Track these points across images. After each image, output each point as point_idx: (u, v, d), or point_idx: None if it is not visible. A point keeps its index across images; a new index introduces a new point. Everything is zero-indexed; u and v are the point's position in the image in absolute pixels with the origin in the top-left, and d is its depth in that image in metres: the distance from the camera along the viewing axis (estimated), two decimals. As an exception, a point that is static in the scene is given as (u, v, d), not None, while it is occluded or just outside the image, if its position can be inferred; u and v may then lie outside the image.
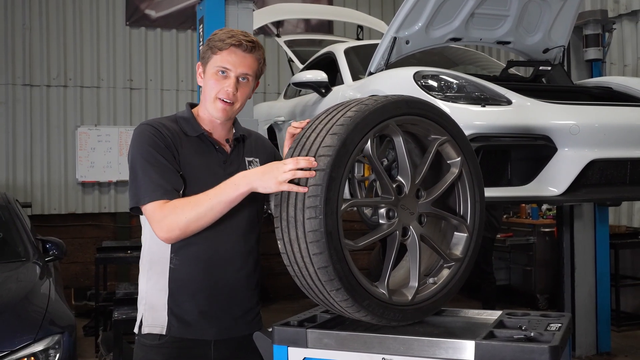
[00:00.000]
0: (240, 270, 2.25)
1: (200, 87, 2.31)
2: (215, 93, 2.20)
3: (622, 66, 6.93)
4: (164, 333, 2.18)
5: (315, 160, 1.86)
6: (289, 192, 1.90)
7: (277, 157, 2.44)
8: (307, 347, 2.00)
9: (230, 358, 2.26)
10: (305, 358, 2.00)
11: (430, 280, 2.17)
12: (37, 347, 3.52)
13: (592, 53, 5.76)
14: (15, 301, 3.92)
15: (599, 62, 5.82)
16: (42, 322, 3.67)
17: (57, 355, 3.57)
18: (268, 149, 2.46)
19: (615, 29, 5.95)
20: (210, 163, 2.23)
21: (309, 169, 1.84)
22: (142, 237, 2.29)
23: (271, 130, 5.74)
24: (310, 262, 1.87)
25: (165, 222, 2.06)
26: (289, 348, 2.02)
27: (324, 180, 1.83)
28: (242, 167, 2.28)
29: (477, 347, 1.82)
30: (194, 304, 2.19)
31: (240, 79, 2.20)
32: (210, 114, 2.24)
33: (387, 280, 2.01)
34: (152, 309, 2.21)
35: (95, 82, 8.39)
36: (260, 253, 2.36)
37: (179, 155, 2.17)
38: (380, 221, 2.06)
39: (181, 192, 2.13)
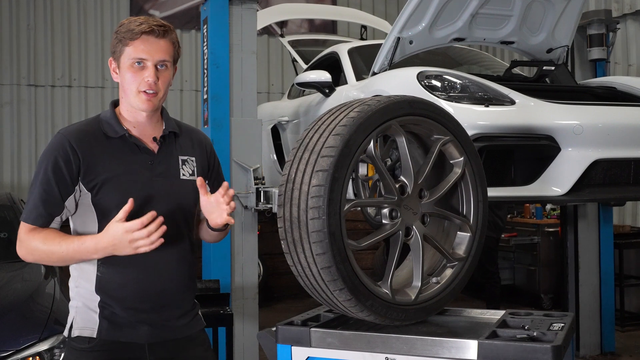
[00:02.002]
0: (173, 278, 2.15)
1: (118, 83, 2.18)
2: (136, 86, 2.08)
3: (627, 66, 6.92)
4: (94, 336, 2.08)
5: (319, 161, 1.87)
6: (292, 192, 1.91)
7: (214, 160, 2.32)
8: (310, 346, 2.01)
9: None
10: (308, 357, 2.01)
11: (434, 279, 2.18)
12: (42, 347, 3.53)
13: (596, 53, 5.74)
14: (20, 301, 3.93)
15: (603, 62, 5.81)
16: (47, 321, 3.68)
17: (62, 354, 3.57)
18: (206, 148, 2.31)
19: (619, 28, 5.93)
20: (133, 167, 2.10)
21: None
22: None
23: (275, 130, 5.74)
24: (314, 262, 1.88)
25: (24, 246, 2.06)
26: (292, 347, 2.03)
27: (327, 181, 1.84)
28: (173, 167, 2.17)
29: (480, 346, 1.82)
30: (124, 306, 2.10)
31: (158, 66, 2.09)
32: (135, 107, 2.12)
33: (390, 280, 2.02)
34: (82, 312, 2.12)
35: (99, 82, 8.41)
36: (195, 257, 2.25)
37: (95, 164, 2.06)
38: (384, 221, 2.07)
39: (61, 217, 2.08)
